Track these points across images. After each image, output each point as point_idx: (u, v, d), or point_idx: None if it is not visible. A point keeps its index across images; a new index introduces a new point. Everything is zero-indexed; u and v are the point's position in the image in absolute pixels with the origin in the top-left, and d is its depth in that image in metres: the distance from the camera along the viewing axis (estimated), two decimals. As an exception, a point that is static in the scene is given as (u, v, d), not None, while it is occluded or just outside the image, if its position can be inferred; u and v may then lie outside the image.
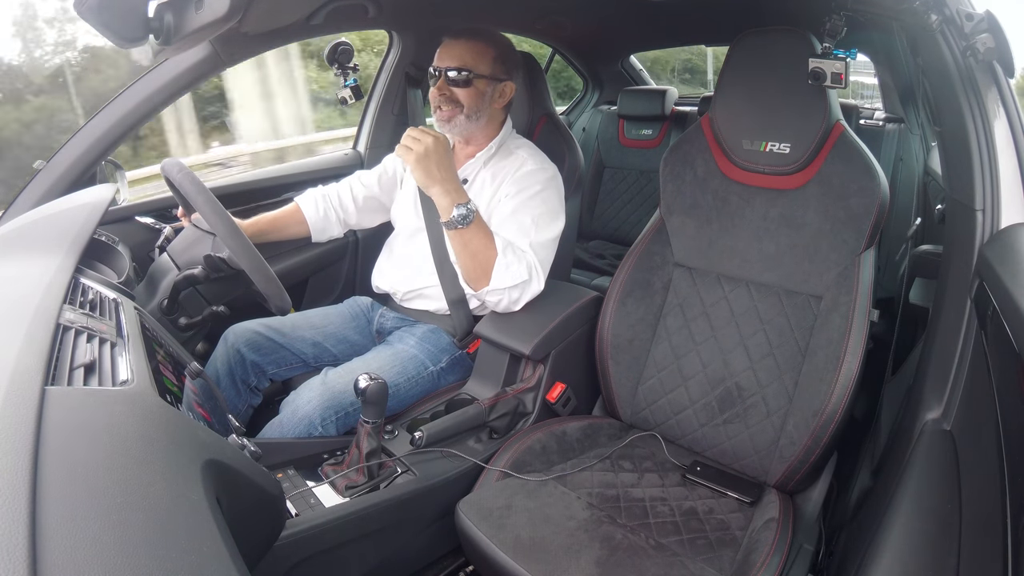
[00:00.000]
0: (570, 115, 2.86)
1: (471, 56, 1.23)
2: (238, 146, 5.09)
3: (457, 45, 1.24)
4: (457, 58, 1.23)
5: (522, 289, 1.19)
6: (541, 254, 1.22)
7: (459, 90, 1.24)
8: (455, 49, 1.23)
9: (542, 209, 1.23)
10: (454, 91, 1.24)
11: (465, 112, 1.25)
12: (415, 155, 1.12)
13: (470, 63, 1.23)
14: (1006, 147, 0.84)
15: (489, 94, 1.27)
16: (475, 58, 1.23)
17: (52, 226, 0.90)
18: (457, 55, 1.23)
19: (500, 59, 1.26)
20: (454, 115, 1.25)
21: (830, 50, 1.00)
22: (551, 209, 1.26)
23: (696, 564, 0.89)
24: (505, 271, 1.16)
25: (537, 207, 1.23)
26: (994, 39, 0.77)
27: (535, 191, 1.24)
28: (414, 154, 1.12)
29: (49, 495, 0.38)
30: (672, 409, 1.19)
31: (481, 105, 1.26)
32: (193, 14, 0.92)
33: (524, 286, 1.19)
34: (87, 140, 1.22)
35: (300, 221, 1.40)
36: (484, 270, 1.16)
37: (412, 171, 1.14)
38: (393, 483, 1.00)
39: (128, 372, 0.61)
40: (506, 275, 1.16)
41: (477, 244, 1.16)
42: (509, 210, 1.23)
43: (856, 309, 1.01)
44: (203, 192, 1.06)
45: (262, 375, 1.26)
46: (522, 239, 1.20)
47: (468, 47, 1.23)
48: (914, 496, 0.73)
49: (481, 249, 1.16)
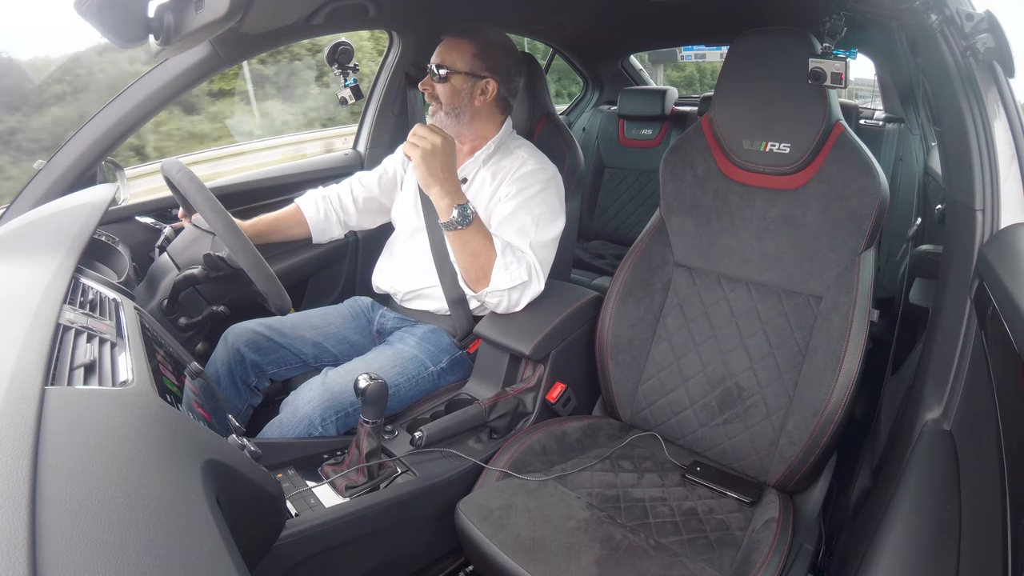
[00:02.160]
0: (570, 115, 2.87)
1: (449, 53, 1.25)
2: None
3: (447, 43, 1.26)
4: (439, 55, 1.25)
5: (522, 290, 1.19)
6: (541, 254, 1.22)
7: (439, 86, 1.25)
8: (441, 47, 1.26)
9: (542, 209, 1.23)
10: (435, 87, 1.26)
11: (444, 109, 1.27)
12: (421, 151, 1.12)
13: (448, 60, 1.24)
14: (1006, 147, 0.84)
15: (467, 91, 1.26)
16: (453, 55, 1.24)
17: (52, 226, 0.90)
18: (440, 52, 1.26)
19: (480, 56, 1.25)
20: (436, 111, 1.28)
21: (830, 50, 1.00)
22: (551, 209, 1.26)
23: (696, 564, 0.89)
24: (504, 272, 1.16)
25: (537, 207, 1.23)
26: (994, 39, 0.77)
27: (535, 191, 1.24)
28: (420, 151, 1.12)
29: (49, 495, 0.38)
30: (672, 409, 1.19)
31: (458, 102, 1.26)
32: (193, 14, 0.92)
33: (524, 287, 1.19)
34: (87, 140, 1.22)
35: (300, 222, 1.40)
36: (483, 271, 1.16)
37: (415, 167, 1.14)
38: (393, 483, 1.00)
39: (128, 372, 0.61)
40: (505, 276, 1.16)
41: (476, 245, 1.15)
42: (509, 210, 1.23)
43: (856, 309, 1.01)
44: (202, 192, 1.06)
45: (262, 375, 1.26)
46: (522, 239, 1.20)
47: (450, 44, 1.25)
48: (914, 496, 0.73)
49: (480, 250, 1.16)
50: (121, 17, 0.91)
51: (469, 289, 1.22)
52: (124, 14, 0.91)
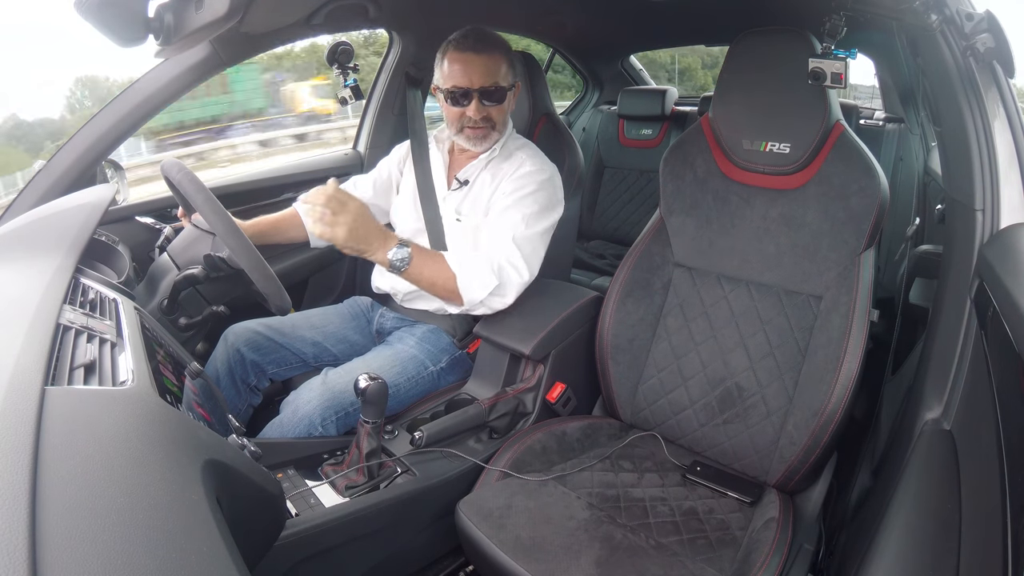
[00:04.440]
0: (570, 115, 2.87)
1: (499, 70, 1.21)
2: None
3: (479, 61, 1.19)
4: (489, 75, 1.19)
5: (501, 291, 1.17)
6: (526, 248, 1.19)
7: (493, 108, 1.23)
8: (480, 65, 1.18)
9: (534, 209, 1.22)
10: (490, 111, 1.23)
11: (497, 128, 1.26)
12: (346, 230, 1.01)
13: (499, 79, 1.21)
14: (1006, 147, 0.84)
15: (510, 102, 1.28)
16: (498, 73, 1.21)
17: (52, 226, 0.90)
18: (487, 72, 1.19)
19: (511, 65, 1.25)
20: (489, 133, 1.25)
21: (830, 50, 1.00)
22: (542, 207, 1.24)
23: (696, 564, 0.89)
24: (471, 286, 1.15)
25: (529, 206, 1.22)
26: (994, 39, 0.77)
27: (529, 191, 1.23)
28: (345, 229, 1.01)
29: (49, 495, 0.38)
30: (672, 409, 1.19)
31: (507, 117, 1.28)
32: (193, 14, 0.93)
33: (502, 288, 1.17)
34: (87, 140, 1.22)
35: (299, 225, 1.40)
36: (450, 291, 1.15)
37: (343, 246, 1.04)
38: (393, 483, 1.00)
39: (128, 372, 0.61)
40: (474, 289, 1.15)
41: (430, 273, 1.14)
42: (502, 207, 1.23)
43: (856, 309, 1.01)
44: (203, 192, 1.06)
45: (262, 375, 1.26)
46: (507, 235, 1.19)
47: (491, 61, 1.20)
48: (914, 496, 0.73)
49: (436, 276, 1.14)
50: (121, 17, 0.91)
51: (454, 308, 1.21)
52: (124, 14, 0.91)
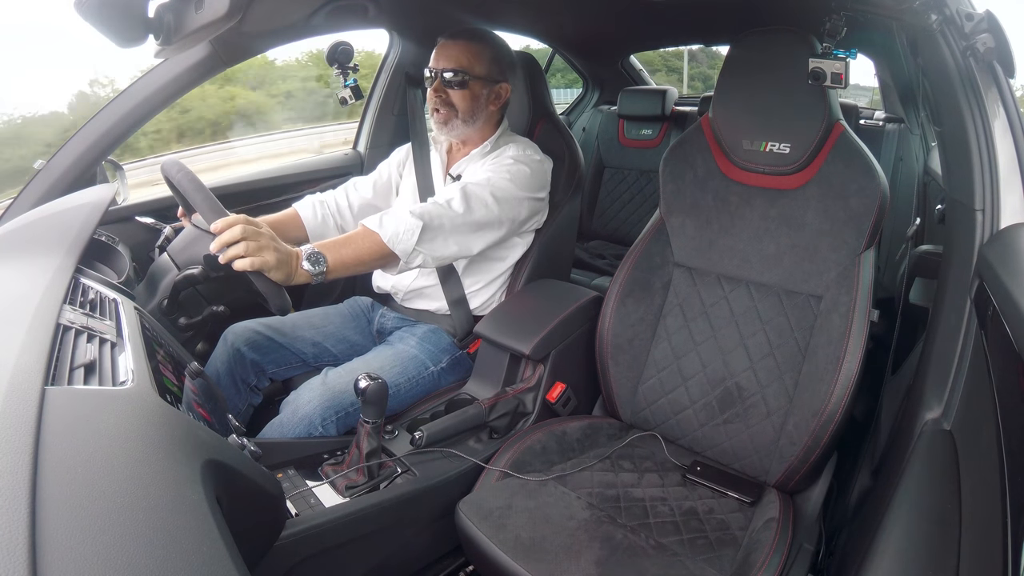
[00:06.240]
0: (570, 115, 2.87)
1: (467, 57, 1.22)
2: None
3: (453, 46, 1.22)
4: (453, 59, 1.21)
5: (432, 235, 1.08)
6: (473, 192, 1.14)
7: (454, 92, 1.23)
8: (451, 50, 1.22)
9: (503, 174, 1.20)
10: (449, 93, 1.23)
11: (461, 116, 1.24)
12: (272, 252, 0.91)
13: (465, 64, 1.22)
14: (1006, 147, 0.84)
15: (484, 96, 1.26)
16: (471, 59, 1.22)
17: (52, 226, 0.90)
18: (453, 56, 1.22)
19: (496, 60, 1.25)
20: (450, 118, 1.24)
21: (830, 50, 1.00)
22: (513, 176, 1.21)
23: (696, 564, 0.89)
24: (396, 235, 1.04)
25: (497, 171, 1.21)
26: (994, 39, 0.77)
27: (506, 165, 1.23)
28: (271, 251, 0.91)
29: (49, 495, 0.38)
30: (672, 409, 1.19)
31: (476, 107, 1.25)
32: (193, 14, 0.93)
33: (431, 232, 1.08)
34: (87, 140, 1.22)
35: (299, 226, 1.39)
36: (381, 253, 1.05)
37: (275, 267, 0.92)
38: (393, 483, 1.00)
39: (128, 372, 0.61)
40: (401, 238, 1.04)
41: (350, 251, 1.02)
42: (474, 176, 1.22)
43: (856, 309, 1.01)
44: (202, 191, 1.06)
45: (262, 375, 1.26)
46: (456, 184, 1.17)
47: (464, 48, 1.22)
48: (914, 496, 0.73)
49: (359, 247, 1.04)
50: (121, 17, 0.91)
51: (395, 272, 1.11)
52: (124, 14, 0.91)
